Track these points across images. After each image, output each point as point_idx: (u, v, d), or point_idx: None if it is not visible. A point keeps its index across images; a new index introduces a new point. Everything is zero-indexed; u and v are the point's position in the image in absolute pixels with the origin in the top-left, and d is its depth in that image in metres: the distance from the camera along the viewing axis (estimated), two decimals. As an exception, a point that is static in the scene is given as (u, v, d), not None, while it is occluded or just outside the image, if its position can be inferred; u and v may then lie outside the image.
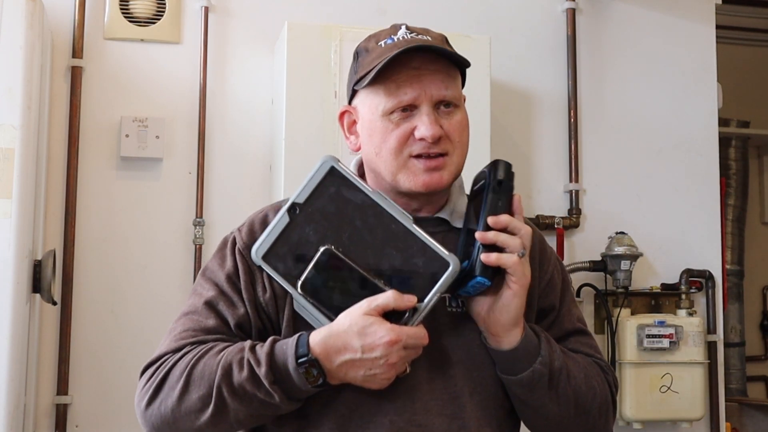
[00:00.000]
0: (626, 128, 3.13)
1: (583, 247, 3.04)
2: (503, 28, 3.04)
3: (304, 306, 1.29)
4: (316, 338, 1.25)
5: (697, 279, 3.08)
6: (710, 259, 3.14)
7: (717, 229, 3.17)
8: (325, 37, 2.54)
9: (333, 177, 1.31)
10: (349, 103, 1.47)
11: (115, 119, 2.76)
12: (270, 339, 1.29)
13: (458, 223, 1.43)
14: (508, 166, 1.31)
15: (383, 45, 1.39)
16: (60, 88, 2.74)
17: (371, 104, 1.40)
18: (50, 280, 2.35)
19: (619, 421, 2.93)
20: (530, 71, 3.07)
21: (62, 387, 2.64)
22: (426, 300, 1.25)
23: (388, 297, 1.23)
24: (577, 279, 2.99)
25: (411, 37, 1.40)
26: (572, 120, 3.07)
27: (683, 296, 3.02)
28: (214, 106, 2.83)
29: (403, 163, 1.37)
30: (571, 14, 3.10)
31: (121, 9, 2.80)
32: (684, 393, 2.88)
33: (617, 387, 1.48)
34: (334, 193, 1.30)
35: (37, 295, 2.41)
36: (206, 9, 2.84)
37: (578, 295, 2.99)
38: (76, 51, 2.75)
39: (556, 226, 2.98)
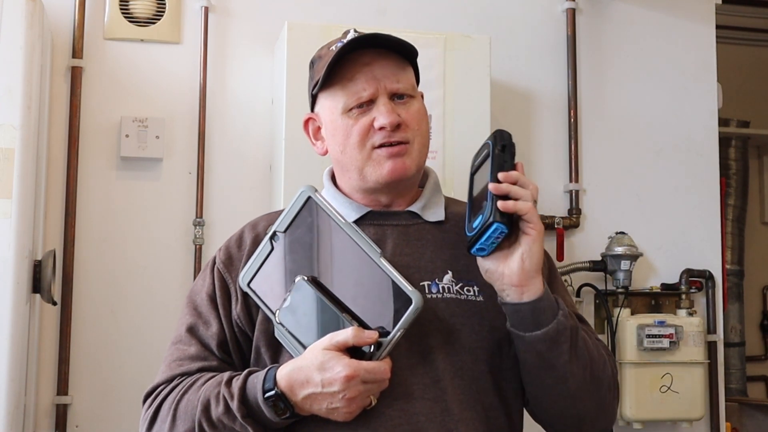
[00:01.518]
0: (626, 128, 3.13)
1: (583, 247, 3.04)
2: (503, 28, 3.04)
3: (282, 334, 1.32)
4: (282, 372, 1.29)
5: (697, 279, 3.08)
6: (710, 259, 3.13)
7: (717, 229, 3.17)
8: (325, 37, 2.52)
9: (310, 207, 1.34)
10: (312, 110, 1.51)
11: (115, 119, 2.76)
12: (245, 372, 1.33)
13: (430, 217, 1.47)
14: (509, 134, 1.37)
15: (334, 49, 1.43)
16: (60, 88, 2.74)
17: (331, 105, 1.45)
18: (50, 280, 2.35)
19: (619, 421, 2.93)
20: (530, 71, 3.07)
21: (62, 387, 2.64)
22: (389, 336, 1.27)
23: (347, 334, 1.26)
24: (577, 279, 3.00)
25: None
26: (572, 120, 3.07)
27: (683, 296, 3.02)
28: (214, 106, 2.83)
29: (368, 156, 1.41)
30: (571, 14, 3.10)
31: (121, 9, 2.80)
32: (684, 393, 2.88)
33: (616, 368, 1.50)
34: (310, 224, 1.34)
35: (37, 295, 2.41)
36: (206, 9, 2.84)
37: (578, 295, 2.99)
38: (76, 51, 2.75)
39: (556, 226, 2.98)
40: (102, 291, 2.72)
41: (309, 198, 1.34)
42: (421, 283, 1.39)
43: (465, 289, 1.41)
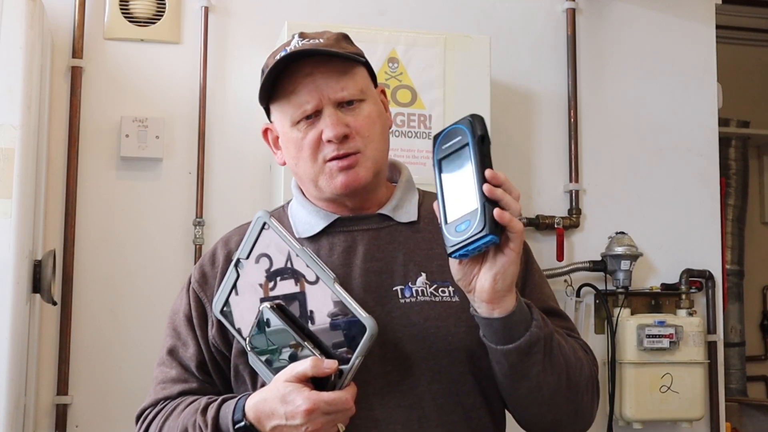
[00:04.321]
0: (626, 128, 3.13)
1: (583, 247, 3.04)
2: (503, 28, 3.04)
3: (254, 362, 1.32)
4: (250, 403, 1.29)
5: (697, 279, 3.08)
6: (710, 259, 3.13)
7: (717, 229, 3.17)
8: (325, 37, 2.54)
9: (266, 233, 1.33)
10: (269, 120, 1.48)
11: (115, 119, 2.76)
12: (219, 399, 1.34)
13: (402, 218, 1.44)
14: (477, 116, 1.24)
15: (278, 58, 1.39)
16: (60, 88, 2.74)
17: (281, 117, 1.41)
18: (50, 280, 2.35)
19: (619, 421, 2.94)
20: (530, 71, 3.07)
21: (62, 387, 2.64)
22: (348, 365, 1.25)
23: (306, 365, 1.25)
24: (577, 279, 3.00)
25: (302, 44, 1.39)
26: (572, 120, 3.07)
27: (683, 296, 3.02)
28: (214, 106, 2.83)
29: (320, 169, 1.39)
30: (571, 14, 3.10)
31: (121, 9, 2.80)
32: (684, 393, 2.88)
33: (597, 367, 1.45)
34: (269, 249, 1.33)
35: (37, 295, 2.41)
36: (206, 9, 2.84)
37: (578, 295, 2.99)
38: (76, 51, 2.75)
39: (556, 226, 2.98)
40: (102, 291, 2.72)
41: (264, 224, 1.33)
42: (394, 288, 1.37)
43: (440, 290, 1.38)
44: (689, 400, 2.88)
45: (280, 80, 1.38)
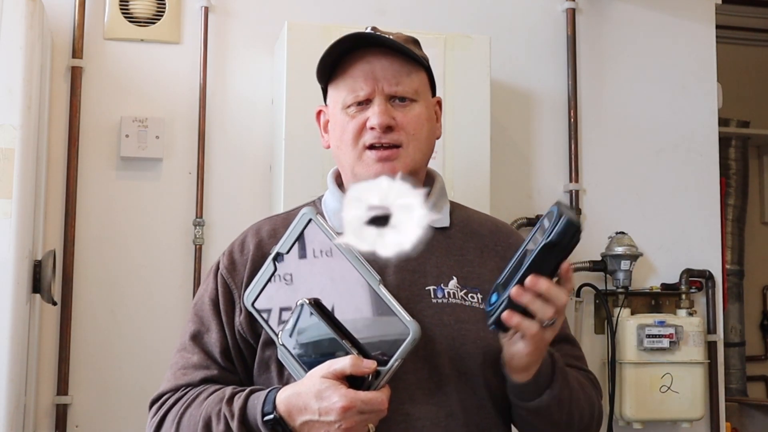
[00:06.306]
0: (626, 128, 3.13)
1: (583, 247, 3.03)
2: (503, 28, 3.04)
3: (285, 356, 1.32)
4: (281, 396, 1.28)
5: (697, 279, 3.08)
6: (710, 259, 3.13)
7: (717, 229, 3.17)
8: (325, 37, 2.54)
9: (311, 230, 1.33)
10: (325, 102, 1.51)
11: (115, 119, 2.76)
12: (247, 391, 1.33)
13: (435, 223, 1.47)
14: (571, 224, 1.21)
15: (342, 37, 1.42)
16: (60, 88, 2.74)
17: (334, 99, 1.45)
18: (50, 280, 2.35)
19: (619, 421, 2.94)
20: (530, 71, 3.07)
21: (62, 387, 2.64)
22: (387, 366, 1.26)
23: (345, 363, 1.25)
24: (577, 279, 2.99)
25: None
26: (572, 120, 3.07)
27: (683, 296, 3.02)
28: (214, 106, 2.83)
29: (359, 155, 1.41)
30: (571, 14, 3.10)
31: (121, 9, 2.80)
32: (684, 393, 2.88)
33: (602, 395, 1.52)
34: (312, 247, 1.33)
35: (37, 295, 2.41)
36: (206, 9, 2.84)
37: (578, 295, 2.99)
38: (76, 51, 2.75)
39: (556, 226, 2.98)
40: (102, 291, 2.72)
41: (310, 221, 1.33)
42: (427, 288, 1.39)
43: (469, 295, 1.41)
44: (689, 400, 2.88)
45: (341, 62, 1.41)
